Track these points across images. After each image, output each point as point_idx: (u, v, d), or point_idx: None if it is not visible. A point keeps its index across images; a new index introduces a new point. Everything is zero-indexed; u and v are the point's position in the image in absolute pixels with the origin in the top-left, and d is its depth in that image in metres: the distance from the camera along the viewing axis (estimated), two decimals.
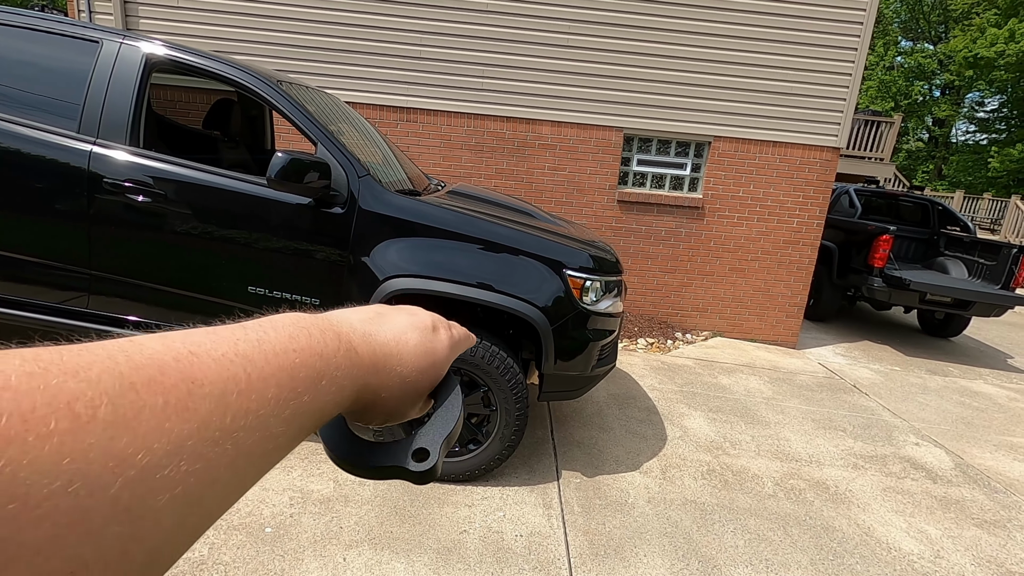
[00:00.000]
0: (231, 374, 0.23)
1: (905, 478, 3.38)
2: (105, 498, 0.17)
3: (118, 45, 2.55)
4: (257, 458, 0.24)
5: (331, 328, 0.31)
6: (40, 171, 2.46)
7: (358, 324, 0.34)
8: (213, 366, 0.22)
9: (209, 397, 0.21)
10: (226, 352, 0.24)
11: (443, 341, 0.41)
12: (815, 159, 5.49)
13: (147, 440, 0.18)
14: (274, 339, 0.27)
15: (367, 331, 0.34)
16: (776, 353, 5.62)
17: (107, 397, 0.18)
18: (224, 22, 4.98)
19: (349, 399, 0.32)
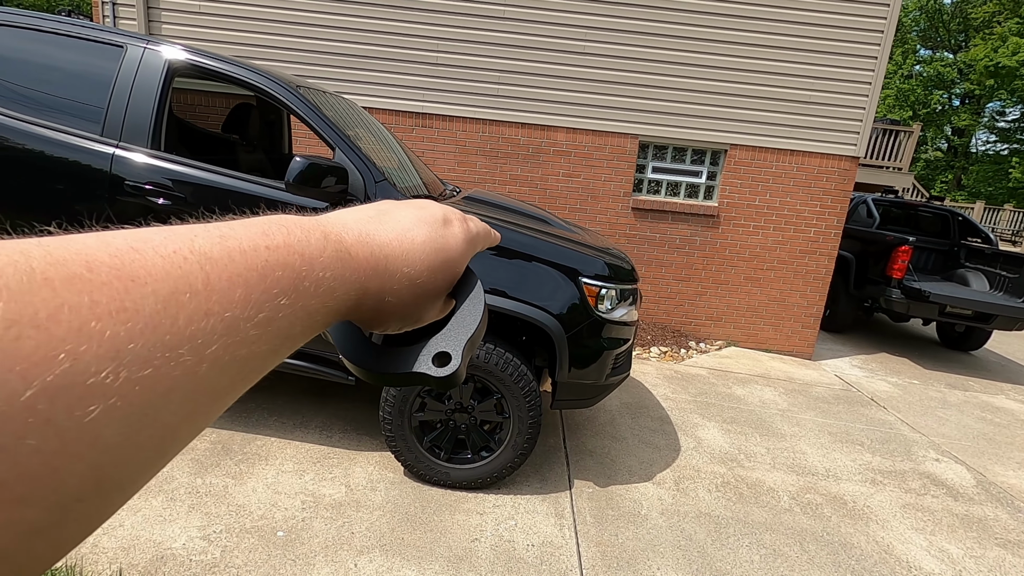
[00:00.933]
0: (183, 272, 0.20)
1: (925, 495, 3.30)
2: (14, 407, 0.15)
3: (142, 50, 2.58)
4: (229, 366, 0.21)
5: (317, 227, 0.28)
6: (64, 173, 2.50)
7: (353, 223, 0.31)
8: (160, 263, 0.20)
9: (153, 296, 0.18)
10: (179, 248, 0.21)
11: (457, 236, 0.37)
12: (833, 168, 5.42)
13: (66, 342, 0.16)
14: (242, 235, 0.24)
15: (364, 230, 0.31)
16: (791, 364, 5.55)
17: (7, 292, 0.15)
18: (244, 27, 5.04)
19: (347, 304, 0.29)
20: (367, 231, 0.32)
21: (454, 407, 2.61)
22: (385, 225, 0.33)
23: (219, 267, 0.22)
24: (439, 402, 2.61)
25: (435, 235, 0.35)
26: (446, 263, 0.36)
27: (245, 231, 0.24)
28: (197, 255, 0.21)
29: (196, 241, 0.22)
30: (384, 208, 0.35)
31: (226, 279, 0.22)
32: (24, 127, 2.49)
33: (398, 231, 0.33)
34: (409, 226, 0.34)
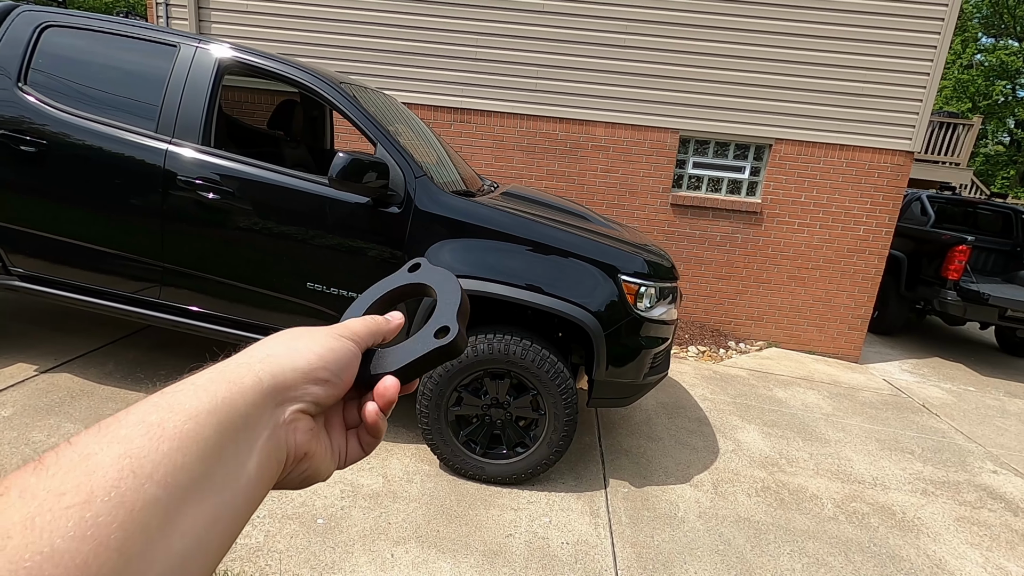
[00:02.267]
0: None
1: (981, 508, 3.14)
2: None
3: (194, 49, 2.67)
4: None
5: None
6: (121, 169, 2.61)
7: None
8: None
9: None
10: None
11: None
12: (886, 163, 5.18)
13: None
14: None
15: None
16: (836, 367, 5.35)
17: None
18: (289, 25, 5.16)
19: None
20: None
21: (490, 402, 2.62)
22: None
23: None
24: (476, 397, 2.62)
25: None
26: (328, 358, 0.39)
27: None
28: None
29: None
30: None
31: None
32: (85, 124, 2.61)
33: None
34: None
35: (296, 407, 0.34)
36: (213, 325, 2.75)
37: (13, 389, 2.90)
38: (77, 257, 2.74)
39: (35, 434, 2.56)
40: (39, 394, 2.88)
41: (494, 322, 2.68)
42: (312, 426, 0.36)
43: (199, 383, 0.31)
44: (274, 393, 0.33)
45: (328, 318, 2.68)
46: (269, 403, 0.33)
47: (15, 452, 2.43)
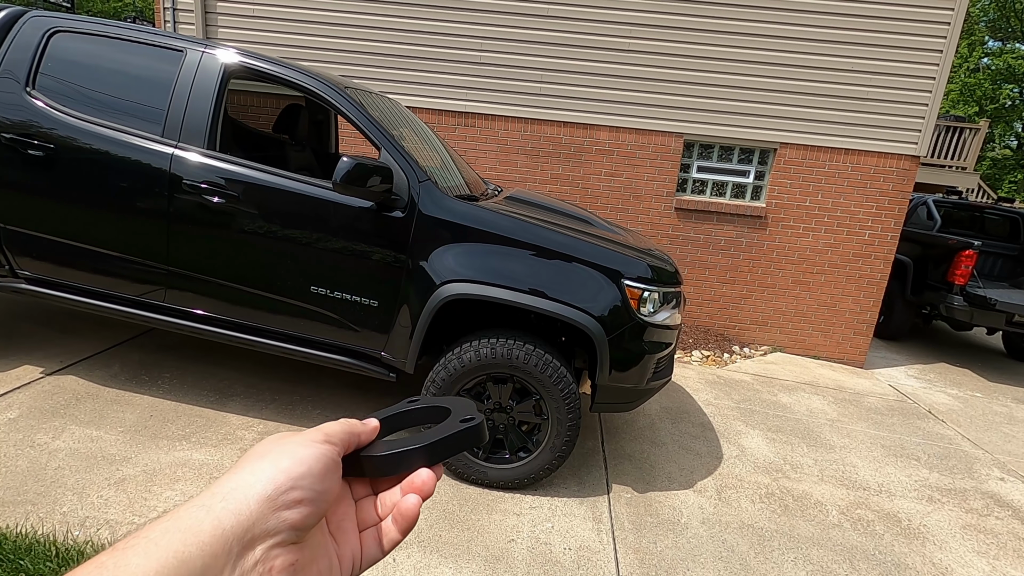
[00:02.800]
0: None
1: (988, 516, 3.11)
2: None
3: (200, 54, 2.69)
4: None
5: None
6: (127, 172, 2.63)
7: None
8: None
9: None
10: None
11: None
12: (891, 168, 5.16)
13: None
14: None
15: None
16: (841, 372, 5.32)
17: None
18: (294, 30, 5.19)
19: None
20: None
21: (493, 406, 2.62)
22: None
23: None
24: (479, 401, 2.61)
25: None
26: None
27: None
28: None
29: None
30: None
31: None
32: (92, 128, 2.63)
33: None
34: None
35: (268, 544, 0.30)
36: (217, 328, 2.76)
37: (19, 391, 2.92)
38: (83, 260, 2.76)
39: (41, 436, 2.58)
40: (45, 396, 2.90)
41: (497, 326, 2.68)
42: (294, 559, 0.32)
43: (153, 538, 0.27)
44: (239, 535, 0.29)
45: (332, 322, 2.69)
46: (233, 548, 0.29)
47: (21, 454, 2.44)
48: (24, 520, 2.07)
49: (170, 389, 3.15)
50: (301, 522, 0.32)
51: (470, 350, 2.52)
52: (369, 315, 2.66)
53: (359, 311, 2.66)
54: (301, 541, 0.33)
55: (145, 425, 2.79)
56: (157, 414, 2.90)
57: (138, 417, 2.84)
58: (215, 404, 3.07)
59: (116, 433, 2.69)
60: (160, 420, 2.85)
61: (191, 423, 2.86)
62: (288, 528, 0.31)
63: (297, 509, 0.32)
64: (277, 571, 0.31)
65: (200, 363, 3.50)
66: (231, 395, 3.19)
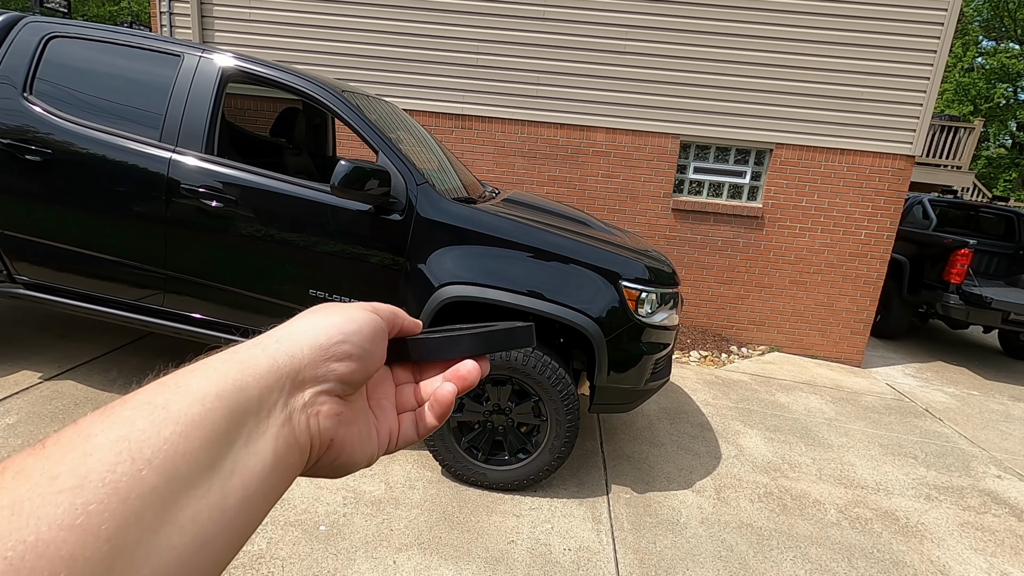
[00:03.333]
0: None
1: (985, 513, 3.13)
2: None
3: (197, 59, 2.69)
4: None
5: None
6: (125, 177, 2.63)
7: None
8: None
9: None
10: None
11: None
12: (887, 167, 5.19)
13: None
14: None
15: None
16: (839, 371, 5.34)
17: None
18: (291, 33, 5.19)
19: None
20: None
21: (492, 408, 2.63)
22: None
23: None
24: (477, 403, 2.62)
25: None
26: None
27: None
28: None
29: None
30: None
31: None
32: (89, 133, 2.64)
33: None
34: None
35: (317, 388, 0.32)
36: (216, 332, 2.76)
37: (18, 396, 2.91)
38: (81, 265, 2.76)
39: None
40: (43, 401, 2.90)
41: None
42: (339, 410, 0.33)
43: (212, 364, 0.29)
44: (292, 375, 0.31)
45: None
46: (286, 386, 0.30)
47: None
48: None
49: None
50: (349, 375, 0.33)
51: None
52: None
53: None
54: (346, 396, 0.34)
55: None
56: None
57: None
58: None
59: None
60: None
61: None
62: (336, 379, 0.33)
63: (346, 363, 0.33)
64: (324, 416, 0.32)
65: None
66: None
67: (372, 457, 0.37)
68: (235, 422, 0.27)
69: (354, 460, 0.35)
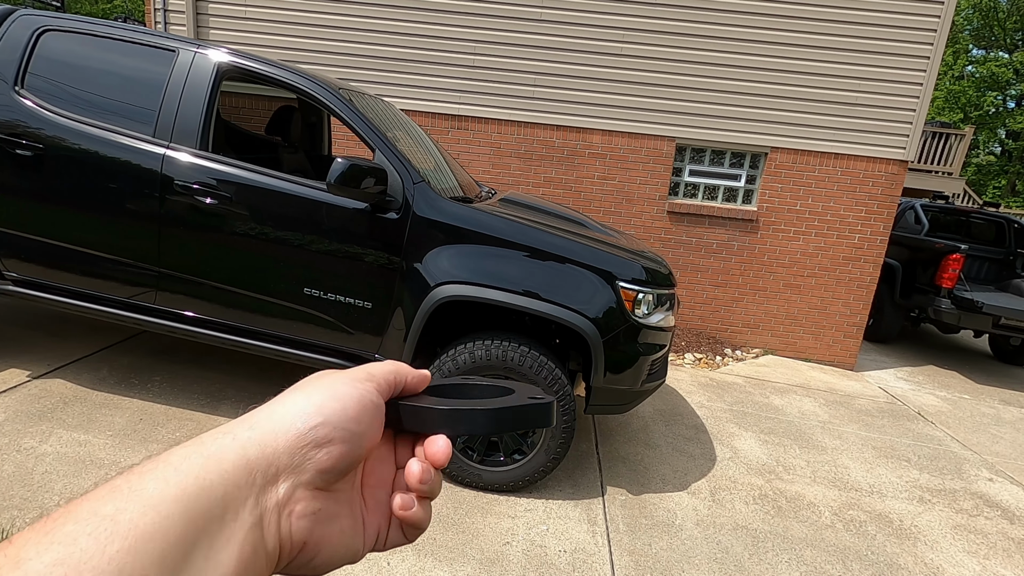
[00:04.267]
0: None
1: (978, 516, 3.14)
2: None
3: (192, 54, 2.67)
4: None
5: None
6: (118, 173, 2.60)
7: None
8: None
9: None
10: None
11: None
12: (880, 172, 5.22)
13: None
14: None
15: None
16: (832, 374, 5.36)
17: None
18: (287, 31, 5.17)
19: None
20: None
21: None
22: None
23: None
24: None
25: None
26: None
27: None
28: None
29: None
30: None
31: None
32: (82, 128, 2.60)
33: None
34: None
35: (291, 482, 0.28)
36: (208, 330, 2.73)
37: (5, 395, 2.87)
38: (72, 261, 2.72)
39: (27, 440, 2.53)
40: (32, 400, 2.85)
41: (492, 328, 2.68)
42: (317, 507, 0.29)
43: (172, 461, 0.25)
44: (264, 468, 0.27)
45: (325, 324, 2.67)
46: (256, 481, 0.27)
47: (7, 459, 2.40)
48: (10, 526, 2.03)
49: (160, 393, 3.11)
50: (331, 465, 0.29)
51: (464, 352, 2.52)
52: (363, 317, 2.65)
53: (353, 313, 2.64)
54: (329, 489, 0.30)
55: (135, 429, 2.75)
56: (147, 418, 2.86)
57: (127, 421, 2.80)
58: (206, 408, 3.04)
59: (105, 437, 2.65)
60: (150, 424, 2.81)
61: (181, 427, 2.83)
62: (316, 470, 0.29)
63: (327, 449, 0.29)
64: (297, 516, 0.29)
65: (191, 367, 3.46)
66: (222, 399, 3.16)
67: (355, 555, 0.32)
68: (195, 530, 0.24)
69: (333, 560, 0.31)
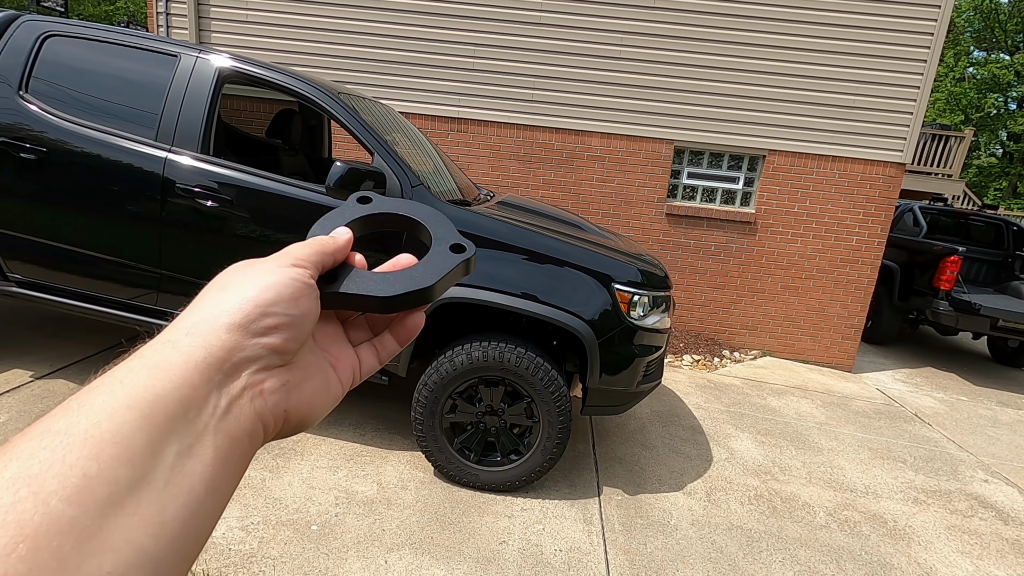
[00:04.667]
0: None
1: (972, 517, 3.16)
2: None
3: (194, 59, 2.71)
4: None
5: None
6: (120, 176, 2.64)
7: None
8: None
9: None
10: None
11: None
12: (878, 175, 5.25)
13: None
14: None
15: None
16: (830, 376, 5.38)
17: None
18: (287, 35, 5.21)
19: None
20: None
21: (485, 409, 2.64)
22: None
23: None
24: (470, 404, 2.63)
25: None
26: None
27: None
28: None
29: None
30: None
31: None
32: (85, 132, 2.64)
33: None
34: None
35: (250, 370, 0.29)
36: None
37: (8, 395, 2.90)
38: (75, 263, 2.75)
39: None
40: (34, 400, 2.89)
41: (489, 330, 2.71)
42: (284, 379, 0.31)
43: (117, 376, 0.26)
44: (216, 366, 0.28)
45: None
46: (213, 378, 0.28)
47: None
48: None
49: None
50: (282, 346, 0.31)
51: (462, 353, 2.54)
52: None
53: None
54: (288, 363, 0.32)
55: None
56: None
57: None
58: None
59: None
60: None
61: None
62: (269, 352, 0.30)
63: (274, 335, 0.30)
64: (268, 392, 0.30)
65: None
66: None
67: (337, 398, 0.35)
68: (158, 431, 0.25)
69: (316, 412, 0.33)
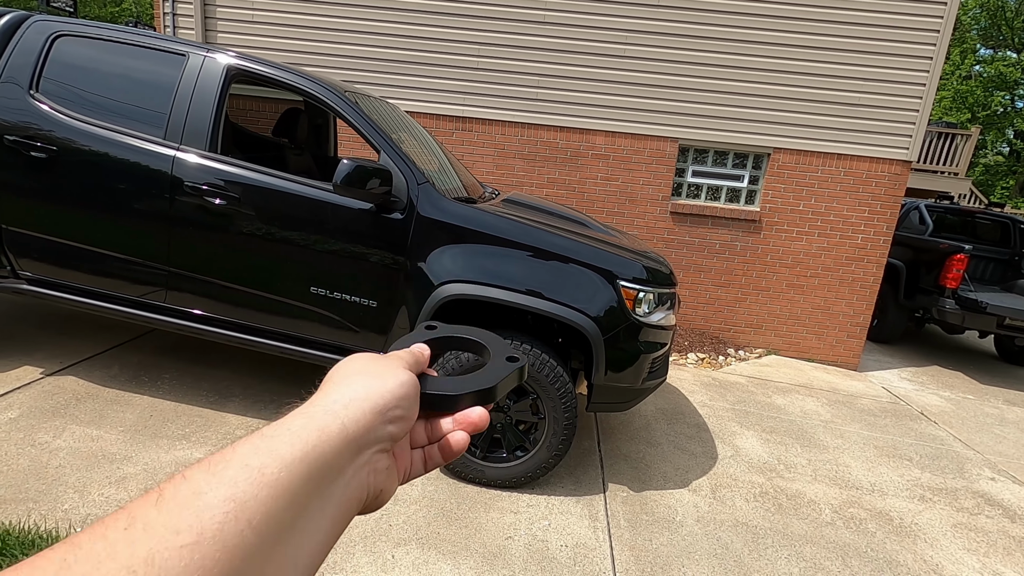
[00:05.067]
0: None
1: (979, 514, 3.15)
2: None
3: (202, 58, 2.73)
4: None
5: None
6: (129, 174, 2.66)
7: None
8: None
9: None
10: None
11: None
12: (883, 173, 5.23)
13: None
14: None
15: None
16: (835, 375, 5.37)
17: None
18: (294, 35, 5.24)
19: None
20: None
21: None
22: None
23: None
24: None
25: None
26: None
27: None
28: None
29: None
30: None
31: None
32: (94, 130, 2.67)
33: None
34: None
35: (375, 449, 0.36)
36: (217, 328, 2.79)
37: (19, 391, 2.93)
38: (84, 261, 2.78)
39: (41, 435, 2.59)
40: (45, 396, 2.92)
41: (494, 326, 2.72)
42: (389, 463, 0.38)
43: (293, 429, 0.32)
44: (357, 439, 0.34)
45: (331, 322, 2.72)
46: (352, 449, 0.34)
47: (22, 453, 2.46)
48: (26, 517, 2.09)
49: (169, 390, 3.17)
50: (398, 434, 0.38)
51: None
52: (368, 316, 2.69)
53: (358, 312, 2.69)
54: (391, 450, 0.39)
55: (145, 425, 2.81)
56: (157, 414, 2.92)
57: (138, 417, 2.86)
58: (214, 404, 3.09)
59: (116, 432, 2.71)
60: (160, 420, 2.87)
61: (191, 423, 2.89)
62: (389, 438, 0.37)
63: (397, 424, 0.38)
64: (378, 472, 0.37)
65: (199, 365, 3.52)
66: (230, 396, 3.21)
67: (394, 490, 0.41)
68: (313, 486, 0.30)
69: (386, 497, 0.40)
